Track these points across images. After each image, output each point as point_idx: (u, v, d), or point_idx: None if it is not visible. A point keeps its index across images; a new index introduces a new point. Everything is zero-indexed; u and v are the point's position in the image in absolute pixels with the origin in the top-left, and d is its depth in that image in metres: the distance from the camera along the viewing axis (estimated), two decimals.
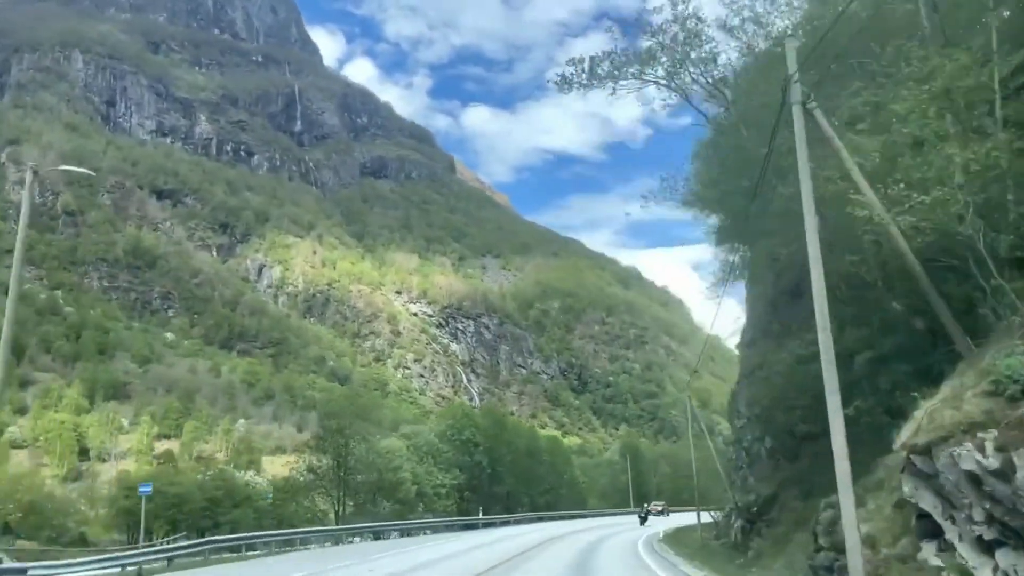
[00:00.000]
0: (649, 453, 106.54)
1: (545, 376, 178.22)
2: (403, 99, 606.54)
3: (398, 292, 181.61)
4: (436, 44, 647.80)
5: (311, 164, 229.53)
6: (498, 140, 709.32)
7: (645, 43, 25.41)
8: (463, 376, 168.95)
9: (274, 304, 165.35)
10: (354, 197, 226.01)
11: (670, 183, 26.46)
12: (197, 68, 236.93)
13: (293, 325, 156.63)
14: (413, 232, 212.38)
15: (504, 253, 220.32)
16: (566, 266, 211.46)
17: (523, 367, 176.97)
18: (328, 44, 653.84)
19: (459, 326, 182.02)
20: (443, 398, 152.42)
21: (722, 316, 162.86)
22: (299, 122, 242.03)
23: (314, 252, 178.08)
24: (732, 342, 35.02)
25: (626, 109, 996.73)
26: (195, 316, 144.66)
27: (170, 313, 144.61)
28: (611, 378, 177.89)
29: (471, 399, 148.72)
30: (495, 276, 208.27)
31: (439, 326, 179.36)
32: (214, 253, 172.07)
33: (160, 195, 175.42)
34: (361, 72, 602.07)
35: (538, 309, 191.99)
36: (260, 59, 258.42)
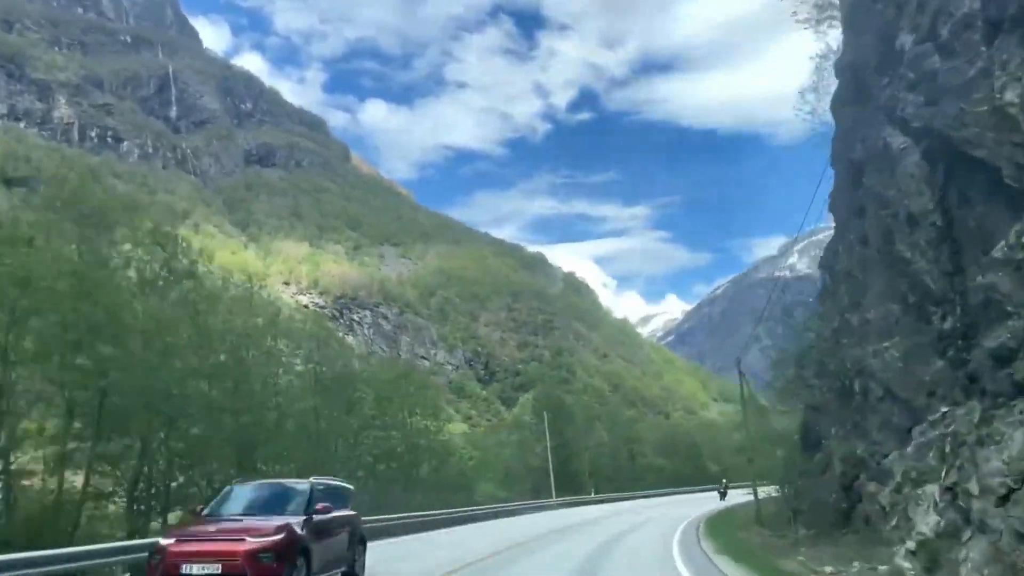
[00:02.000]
0: (581, 414, 77.78)
1: (450, 366, 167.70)
2: (295, 93, 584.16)
3: (286, 283, 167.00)
4: (330, 38, 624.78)
5: (188, 151, 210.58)
6: (398, 136, 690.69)
7: None
8: None
9: None
10: (238, 185, 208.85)
11: None
12: (56, 48, 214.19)
13: None
14: (304, 220, 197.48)
15: (404, 242, 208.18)
16: (469, 253, 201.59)
17: (426, 358, 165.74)
18: (211, 36, 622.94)
19: (355, 317, 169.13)
20: None
21: (629, 301, 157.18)
22: (174, 107, 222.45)
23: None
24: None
25: (524, 104, 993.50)
26: None
27: None
28: (520, 366, 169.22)
29: None
30: (394, 265, 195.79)
31: (333, 318, 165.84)
32: None
33: (10, 183, 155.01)
34: (250, 66, 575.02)
35: (441, 297, 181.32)
36: (129, 39, 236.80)
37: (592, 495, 62.77)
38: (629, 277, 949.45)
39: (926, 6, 15.01)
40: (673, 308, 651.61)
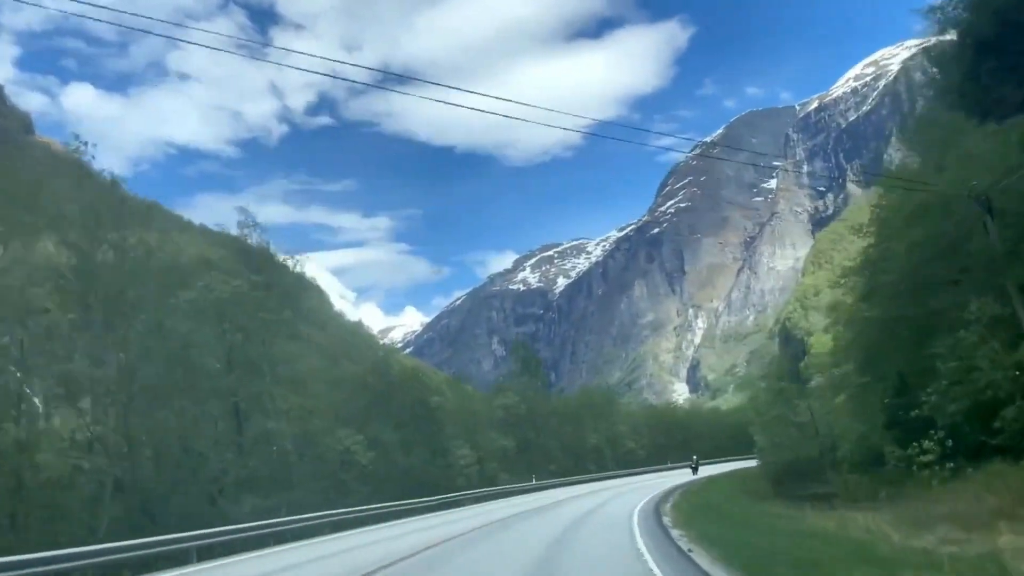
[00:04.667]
0: None
1: None
2: None
3: None
4: (25, 9, 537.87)
5: None
6: (108, 126, 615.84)
7: None
8: None
9: None
10: None
11: None
12: None
13: None
14: None
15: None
16: (180, 240, 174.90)
17: None
18: None
19: None
20: None
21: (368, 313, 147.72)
22: None
23: None
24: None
25: (257, 103, 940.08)
26: None
27: None
28: None
29: None
30: None
31: None
32: None
33: None
34: None
35: None
36: None
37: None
38: (368, 289, 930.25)
39: None
40: (412, 320, 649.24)
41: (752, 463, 64.93)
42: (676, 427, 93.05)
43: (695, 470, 61.87)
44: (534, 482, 54.62)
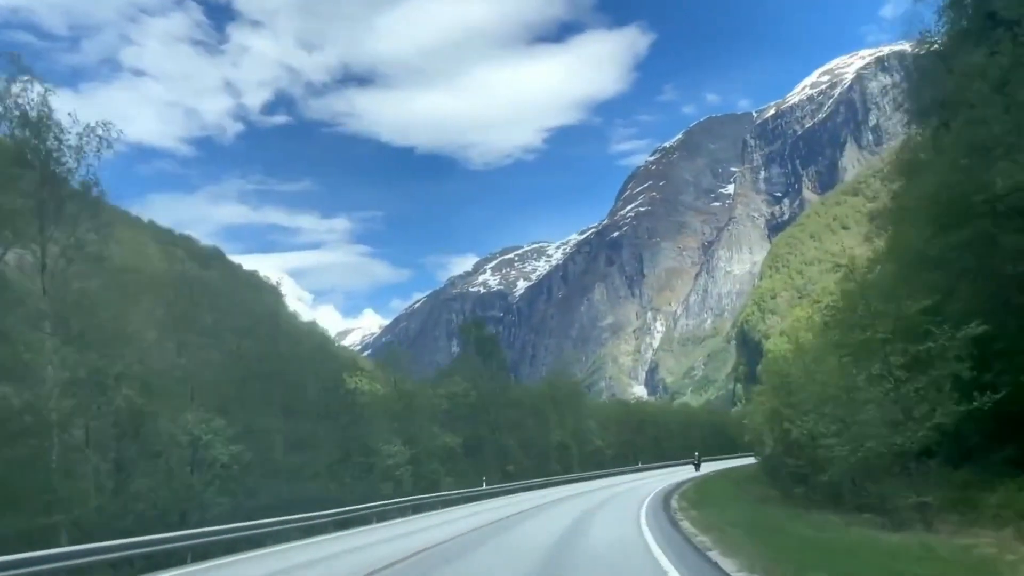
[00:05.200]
0: None
1: None
2: None
3: None
4: None
5: None
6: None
7: None
8: None
9: None
10: None
11: None
12: None
13: None
14: None
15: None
16: (121, 239, 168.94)
17: None
18: None
19: None
20: None
21: (325, 315, 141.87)
22: None
23: None
24: None
25: (213, 100, 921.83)
26: None
27: None
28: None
29: None
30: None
31: None
32: None
33: None
34: None
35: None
36: None
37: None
38: (326, 291, 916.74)
39: None
40: (371, 323, 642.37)
41: (735, 463, 62.32)
42: (648, 424, 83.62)
43: (697, 467, 62.00)
44: (484, 487, 43.98)
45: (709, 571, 11.93)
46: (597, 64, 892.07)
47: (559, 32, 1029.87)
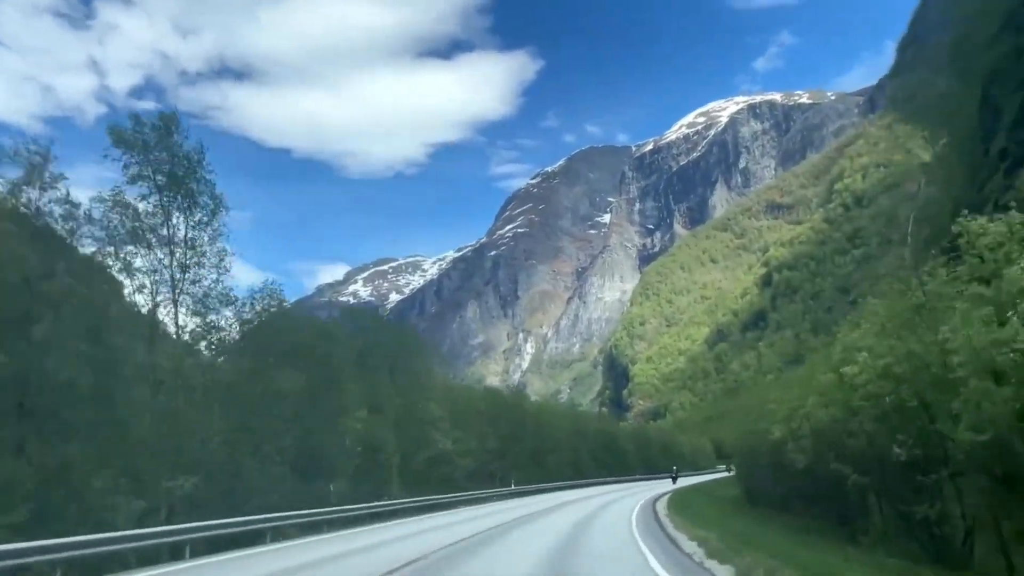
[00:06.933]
0: None
1: None
2: None
3: None
4: None
5: None
6: None
7: None
8: None
9: None
10: None
11: None
12: None
13: None
14: None
15: None
16: None
17: None
18: None
19: None
20: None
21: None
22: None
23: None
24: None
25: (74, 79, 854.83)
26: None
27: None
28: None
29: None
30: None
31: None
32: None
33: None
34: None
35: None
36: None
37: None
38: None
39: None
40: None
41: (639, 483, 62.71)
42: (528, 428, 54.28)
43: (675, 480, 64.15)
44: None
45: None
46: (485, 85, 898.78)
47: (449, 49, 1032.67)
